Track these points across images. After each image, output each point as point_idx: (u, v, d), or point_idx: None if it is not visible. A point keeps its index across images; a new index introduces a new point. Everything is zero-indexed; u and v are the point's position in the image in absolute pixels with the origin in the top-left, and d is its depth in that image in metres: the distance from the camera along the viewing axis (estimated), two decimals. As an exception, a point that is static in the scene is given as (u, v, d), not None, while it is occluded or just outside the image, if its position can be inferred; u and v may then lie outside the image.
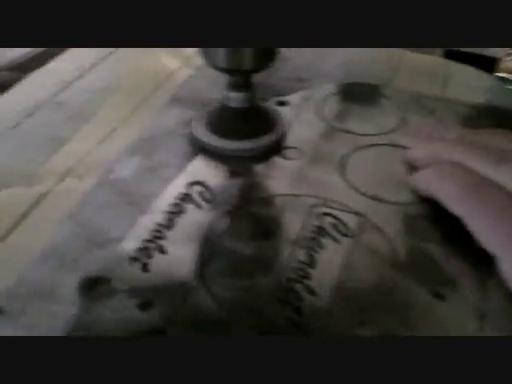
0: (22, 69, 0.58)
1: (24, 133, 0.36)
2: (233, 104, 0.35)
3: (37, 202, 0.31)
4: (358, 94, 0.43)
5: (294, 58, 0.47)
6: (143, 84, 0.43)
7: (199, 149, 0.35)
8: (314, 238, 0.29)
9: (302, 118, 0.39)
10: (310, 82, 0.44)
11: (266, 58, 0.33)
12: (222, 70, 0.33)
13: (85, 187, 0.32)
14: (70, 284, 0.26)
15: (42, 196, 0.31)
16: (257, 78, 0.35)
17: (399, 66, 0.47)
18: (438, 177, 0.31)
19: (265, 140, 0.36)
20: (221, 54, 0.32)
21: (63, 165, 0.34)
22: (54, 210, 0.30)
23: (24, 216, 0.30)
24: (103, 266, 0.27)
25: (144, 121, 0.38)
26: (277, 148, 0.36)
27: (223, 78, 0.35)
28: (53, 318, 0.24)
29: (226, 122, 0.36)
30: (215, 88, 0.39)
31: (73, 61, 0.45)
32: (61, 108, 0.39)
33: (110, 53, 0.47)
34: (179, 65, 0.46)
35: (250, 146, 0.35)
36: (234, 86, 0.35)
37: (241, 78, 0.34)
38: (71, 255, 0.28)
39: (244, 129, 0.35)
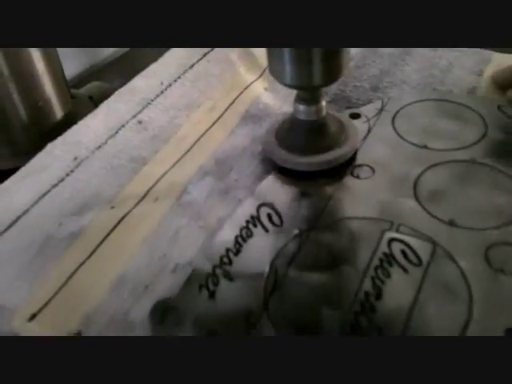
0: (107, 78, 0.61)
1: (107, 154, 0.39)
2: (302, 117, 0.35)
3: (116, 226, 0.33)
4: (436, 104, 0.41)
5: (368, 66, 0.46)
6: (220, 99, 0.44)
7: (271, 167, 0.36)
8: (381, 266, 0.29)
9: (375, 131, 0.38)
10: (384, 90, 0.43)
11: (332, 73, 0.33)
12: (291, 86, 0.34)
13: (160, 210, 0.34)
14: (141, 311, 0.28)
15: (121, 219, 0.33)
16: (330, 88, 0.35)
17: (483, 70, 0.44)
18: None
19: (336, 154, 0.35)
20: (288, 72, 0.32)
21: (141, 187, 0.36)
22: (131, 234, 0.32)
23: (104, 240, 0.32)
24: (173, 294, 0.28)
25: (218, 139, 0.39)
26: (349, 162, 0.36)
27: (294, 93, 0.35)
28: (126, 342, 0.26)
29: (296, 135, 0.36)
30: (286, 104, 0.39)
31: (154, 77, 0.47)
32: (143, 128, 0.41)
33: (191, 66, 0.48)
34: (255, 77, 0.46)
35: (320, 160, 0.35)
36: (302, 100, 0.35)
37: (309, 93, 0.34)
38: (144, 281, 0.29)
39: (313, 142, 0.35)
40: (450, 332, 0.25)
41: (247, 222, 0.32)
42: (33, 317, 0.28)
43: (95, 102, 0.54)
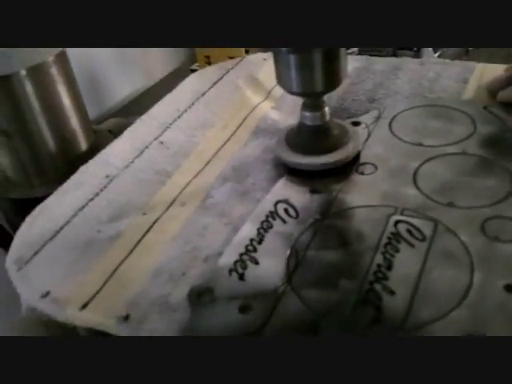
0: (126, 114, 0.66)
1: (135, 170, 0.43)
2: (308, 122, 0.40)
3: (150, 228, 0.37)
4: (428, 109, 0.45)
5: (363, 82, 0.51)
6: (231, 118, 0.48)
7: (283, 171, 0.40)
8: (390, 243, 0.32)
9: (375, 135, 0.43)
10: (380, 101, 0.47)
11: (333, 80, 0.37)
12: (297, 94, 0.38)
13: (187, 212, 0.38)
14: (180, 294, 0.31)
15: (154, 222, 0.37)
16: (331, 102, 0.39)
17: (468, 78, 0.49)
18: None
19: (340, 154, 0.39)
20: (294, 80, 0.37)
21: (169, 195, 0.40)
22: (164, 234, 0.36)
23: (140, 240, 0.36)
24: (207, 278, 0.32)
25: (233, 152, 0.44)
26: (354, 161, 0.40)
27: (298, 109, 0.40)
28: (169, 322, 0.30)
29: (303, 138, 0.40)
30: (291, 119, 0.44)
31: (171, 104, 0.52)
32: (165, 147, 0.46)
33: (203, 94, 0.53)
34: (261, 99, 0.51)
35: (327, 160, 0.39)
36: (308, 107, 0.39)
37: (313, 100, 0.39)
38: (180, 270, 0.33)
39: (320, 144, 0.39)
40: (456, 291, 0.29)
41: (267, 216, 0.36)
42: (85, 306, 0.31)
43: (114, 134, 0.59)
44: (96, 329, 0.31)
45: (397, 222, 0.34)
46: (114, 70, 0.86)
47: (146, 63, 0.98)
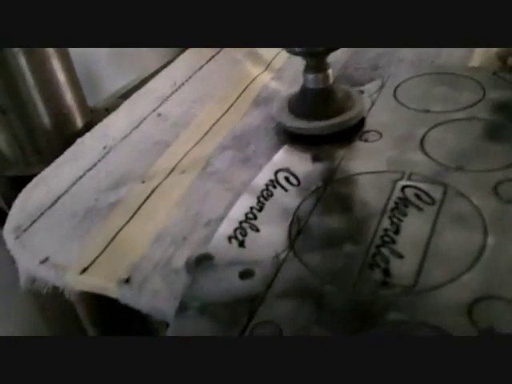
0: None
1: (133, 141, 0.42)
2: (311, 85, 0.38)
3: (149, 195, 0.36)
4: (434, 76, 0.44)
5: (365, 50, 0.50)
6: (230, 90, 0.47)
7: (285, 138, 0.39)
8: (397, 208, 0.31)
9: (379, 103, 0.41)
10: (384, 69, 0.46)
11: None
12: (299, 53, 0.37)
13: (188, 180, 0.37)
14: (183, 257, 0.30)
15: (154, 190, 0.36)
16: (334, 71, 0.38)
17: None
18: None
19: (344, 118, 0.38)
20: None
21: (168, 164, 0.39)
22: (164, 200, 0.35)
23: (140, 206, 0.35)
24: (206, 246, 0.31)
25: (233, 121, 0.43)
26: (358, 128, 0.38)
27: (299, 79, 0.39)
28: (171, 284, 0.29)
29: (306, 102, 0.39)
30: (292, 88, 0.43)
31: (168, 78, 0.51)
32: (162, 119, 0.45)
33: (200, 67, 0.52)
34: (261, 70, 0.50)
35: (331, 123, 0.38)
36: (310, 68, 0.38)
37: (316, 60, 0.37)
38: (181, 234, 0.32)
39: (323, 108, 0.38)
40: (468, 254, 0.28)
41: (267, 185, 0.35)
42: (84, 270, 0.30)
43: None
44: (96, 293, 0.30)
45: (404, 187, 0.33)
46: (107, 61, 0.85)
47: (140, 55, 0.96)
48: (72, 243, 0.32)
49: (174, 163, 0.39)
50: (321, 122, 0.38)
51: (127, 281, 0.29)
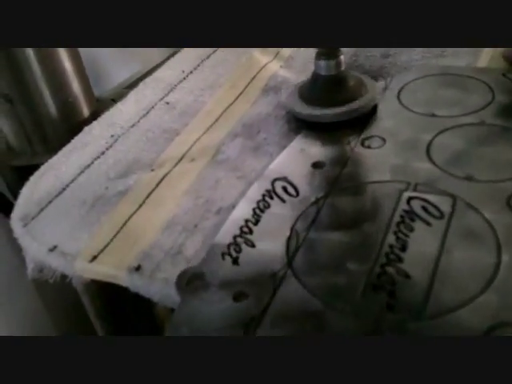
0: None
1: (142, 130, 0.41)
2: (323, 72, 0.38)
3: (159, 183, 0.35)
4: (439, 78, 0.41)
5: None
6: (239, 78, 0.47)
7: (296, 126, 0.38)
8: (403, 222, 0.29)
9: (381, 107, 0.39)
10: (394, 56, 0.45)
11: None
12: None
13: (197, 167, 0.36)
14: (194, 245, 0.30)
15: (163, 178, 0.36)
16: (344, 59, 0.37)
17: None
18: None
19: (356, 104, 0.37)
20: None
21: (177, 152, 0.38)
22: (174, 188, 0.35)
23: (150, 194, 0.34)
24: (197, 262, 0.28)
25: (243, 110, 0.42)
26: (371, 113, 0.37)
27: (308, 68, 0.38)
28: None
29: (317, 89, 0.38)
30: (302, 76, 0.42)
31: (176, 67, 0.50)
32: (171, 107, 0.44)
33: (208, 56, 0.51)
34: (270, 59, 0.50)
35: (342, 111, 0.37)
36: (322, 55, 0.37)
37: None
38: (192, 222, 0.32)
39: (334, 95, 0.37)
40: (481, 274, 0.26)
41: (263, 195, 0.32)
42: (94, 258, 0.30)
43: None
44: (104, 282, 0.29)
45: (410, 199, 0.30)
46: (113, 52, 0.84)
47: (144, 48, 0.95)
48: (81, 231, 0.32)
49: (184, 151, 0.38)
50: (333, 109, 0.37)
51: (137, 269, 0.29)
